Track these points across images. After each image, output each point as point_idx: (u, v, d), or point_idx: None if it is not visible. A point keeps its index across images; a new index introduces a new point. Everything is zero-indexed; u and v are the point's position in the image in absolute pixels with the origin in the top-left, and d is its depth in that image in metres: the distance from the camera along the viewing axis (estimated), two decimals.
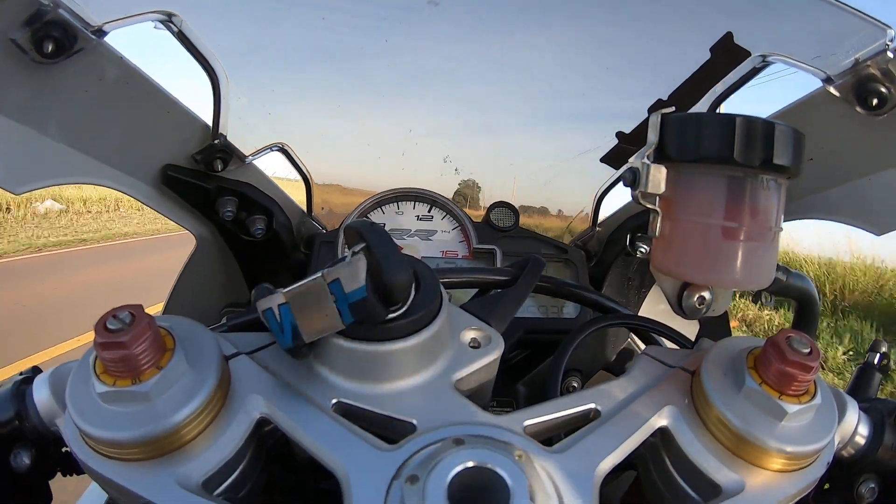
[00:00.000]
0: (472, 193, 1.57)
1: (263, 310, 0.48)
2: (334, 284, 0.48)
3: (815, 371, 0.48)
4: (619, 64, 1.29)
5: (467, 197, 1.56)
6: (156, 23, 0.96)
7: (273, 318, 0.48)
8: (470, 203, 1.56)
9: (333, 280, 0.48)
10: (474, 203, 1.56)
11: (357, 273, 0.48)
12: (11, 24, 0.78)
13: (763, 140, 0.54)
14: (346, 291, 0.48)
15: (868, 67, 0.85)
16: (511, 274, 0.73)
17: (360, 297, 0.48)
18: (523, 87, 1.40)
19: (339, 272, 0.48)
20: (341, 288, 0.48)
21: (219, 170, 1.15)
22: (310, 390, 0.51)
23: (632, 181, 0.59)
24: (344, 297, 0.48)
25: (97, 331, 0.43)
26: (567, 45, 1.26)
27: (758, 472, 0.48)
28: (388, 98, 1.39)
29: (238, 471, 0.49)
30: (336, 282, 0.48)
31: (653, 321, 0.76)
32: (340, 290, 0.48)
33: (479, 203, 1.55)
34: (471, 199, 1.56)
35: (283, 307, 0.48)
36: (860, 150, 0.94)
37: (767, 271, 0.60)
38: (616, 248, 1.31)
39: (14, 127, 0.85)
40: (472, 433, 0.46)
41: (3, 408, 0.53)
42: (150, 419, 0.43)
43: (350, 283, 0.48)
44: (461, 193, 1.55)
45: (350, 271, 0.48)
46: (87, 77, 0.90)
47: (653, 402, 0.53)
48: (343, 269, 0.48)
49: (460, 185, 1.54)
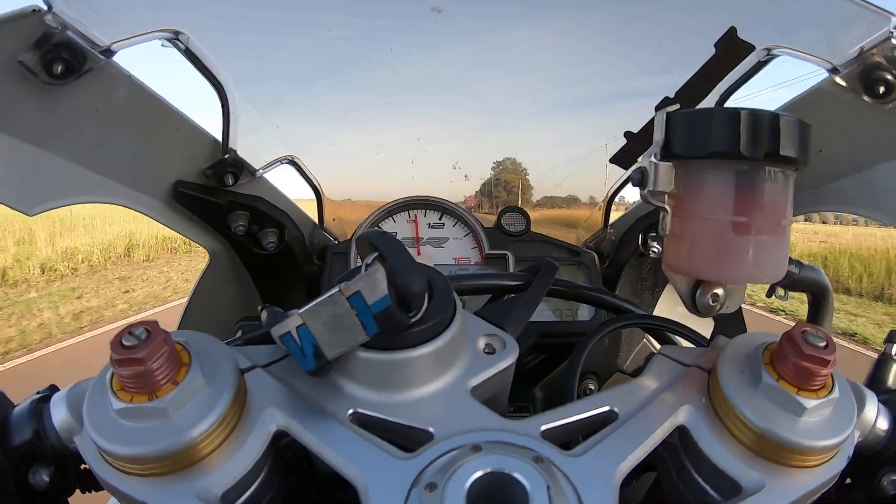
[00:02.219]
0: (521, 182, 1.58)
1: (281, 335, 0.48)
2: (355, 298, 0.48)
3: (833, 365, 0.47)
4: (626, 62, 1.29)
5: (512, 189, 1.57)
6: (163, 41, 0.97)
7: (293, 342, 0.48)
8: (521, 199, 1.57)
9: (353, 294, 0.48)
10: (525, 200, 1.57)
11: (377, 283, 0.48)
12: (20, 47, 0.79)
13: (769, 132, 0.54)
14: (368, 303, 0.48)
15: (873, 56, 0.84)
16: (524, 279, 0.73)
17: (384, 306, 0.48)
18: (531, 87, 1.40)
19: (359, 285, 0.48)
20: (363, 300, 0.48)
21: (230, 184, 1.15)
22: (326, 401, 0.51)
23: (640, 181, 0.59)
24: (367, 309, 0.48)
25: (113, 348, 0.43)
26: (572, 42, 1.26)
27: (778, 469, 0.47)
28: (396, 107, 1.40)
29: (256, 483, 0.49)
30: (356, 295, 0.48)
31: (667, 320, 0.75)
32: (362, 302, 0.48)
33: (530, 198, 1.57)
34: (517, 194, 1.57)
35: (302, 329, 0.48)
36: (869, 138, 0.94)
37: (780, 264, 0.59)
38: (628, 249, 1.30)
39: (25, 149, 0.86)
40: (490, 439, 0.46)
41: (21, 426, 0.53)
42: (168, 434, 0.43)
43: (372, 295, 0.48)
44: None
45: (370, 282, 0.48)
46: (96, 97, 0.91)
47: (670, 402, 0.52)
48: (362, 281, 0.48)
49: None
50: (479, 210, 1.57)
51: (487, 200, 1.59)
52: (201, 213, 1.17)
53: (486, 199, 1.59)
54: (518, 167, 1.57)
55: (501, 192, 1.58)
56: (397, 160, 1.45)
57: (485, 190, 1.58)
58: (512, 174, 1.59)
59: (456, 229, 1.32)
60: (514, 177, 1.58)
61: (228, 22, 1.07)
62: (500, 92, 1.41)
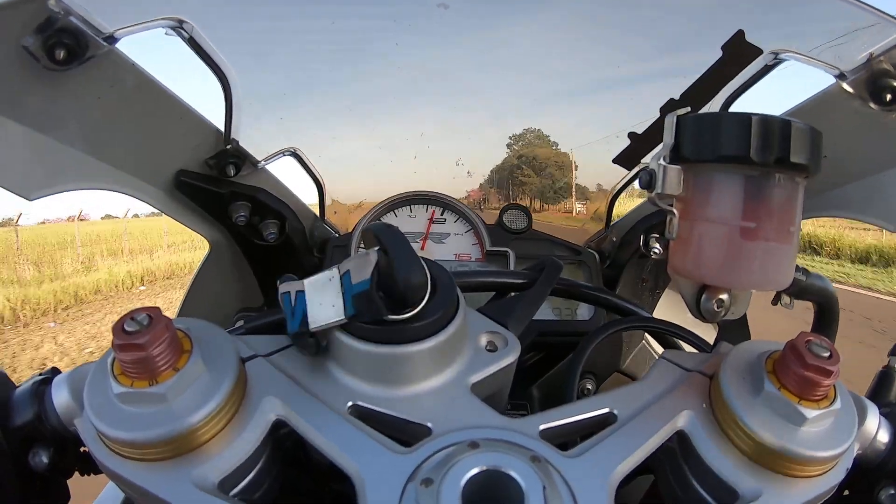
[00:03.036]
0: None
1: (282, 292, 0.50)
2: (345, 277, 0.49)
3: (836, 376, 0.47)
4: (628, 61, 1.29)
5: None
6: (167, 29, 0.96)
7: (288, 302, 0.50)
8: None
9: (345, 272, 0.49)
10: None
11: (364, 266, 0.49)
12: (23, 32, 0.79)
13: (780, 138, 0.53)
14: (352, 283, 0.49)
15: (881, 62, 0.84)
16: (528, 277, 0.73)
17: (362, 289, 0.48)
18: (533, 83, 1.39)
19: (349, 264, 0.49)
20: (350, 279, 0.49)
21: (231, 175, 1.15)
22: (326, 393, 0.51)
23: (648, 183, 0.59)
24: (350, 289, 0.49)
25: (115, 332, 0.43)
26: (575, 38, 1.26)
27: (776, 478, 0.47)
28: (400, 101, 1.39)
29: (254, 472, 0.49)
30: (346, 274, 0.49)
31: (671, 324, 0.75)
32: (349, 281, 0.49)
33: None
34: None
35: (300, 294, 0.50)
36: (874, 145, 0.94)
37: (787, 272, 0.59)
38: (629, 249, 1.30)
39: (27, 133, 0.86)
40: (488, 437, 0.46)
41: (22, 407, 0.54)
42: (167, 420, 0.43)
43: (357, 276, 0.49)
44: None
45: (358, 263, 0.49)
46: (99, 84, 0.91)
47: (670, 407, 0.52)
48: (353, 261, 0.49)
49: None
50: (487, 205, 1.57)
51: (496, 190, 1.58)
52: (203, 202, 1.17)
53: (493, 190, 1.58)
54: (544, 138, 1.55)
55: (522, 176, 1.56)
56: (400, 155, 1.45)
57: (493, 178, 1.58)
58: (540, 148, 1.57)
59: (457, 225, 1.32)
60: (544, 150, 1.57)
61: (232, 12, 1.06)
62: (504, 87, 1.41)
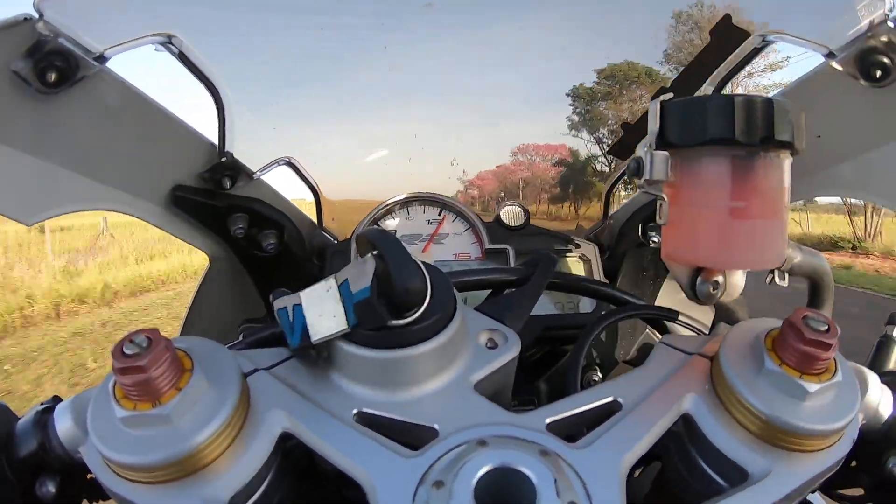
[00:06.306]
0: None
1: (278, 308, 0.49)
2: (344, 286, 0.49)
3: (835, 348, 0.47)
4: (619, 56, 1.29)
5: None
6: (157, 45, 0.96)
7: (286, 317, 0.50)
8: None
9: (343, 281, 0.49)
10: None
11: (363, 274, 0.48)
12: (13, 56, 0.79)
13: (764, 118, 0.54)
14: (352, 292, 0.48)
15: (870, 39, 0.84)
16: (522, 272, 0.73)
17: (363, 297, 0.48)
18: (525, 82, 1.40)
19: (348, 273, 0.49)
20: (349, 288, 0.48)
21: (227, 187, 1.15)
22: (330, 402, 0.51)
23: (636, 170, 0.59)
24: (350, 298, 0.48)
25: (115, 356, 0.43)
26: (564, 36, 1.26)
27: (783, 454, 0.47)
28: (392, 104, 1.40)
29: (264, 486, 0.49)
30: (345, 283, 0.49)
31: (665, 309, 0.75)
32: (348, 290, 0.49)
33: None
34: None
35: (297, 307, 0.49)
36: (867, 122, 0.94)
37: (779, 249, 0.59)
38: (628, 240, 1.30)
39: (21, 158, 0.86)
40: (495, 434, 0.46)
41: (26, 438, 0.53)
42: (173, 441, 0.43)
43: (356, 284, 0.48)
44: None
45: (357, 272, 0.49)
46: (91, 104, 0.91)
47: (673, 391, 0.52)
48: (351, 270, 0.49)
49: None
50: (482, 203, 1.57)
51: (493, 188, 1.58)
52: (200, 216, 1.17)
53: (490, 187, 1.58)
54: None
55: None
56: (395, 158, 1.45)
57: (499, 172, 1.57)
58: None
59: (455, 224, 1.32)
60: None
61: (221, 25, 1.07)
62: (495, 87, 1.41)
